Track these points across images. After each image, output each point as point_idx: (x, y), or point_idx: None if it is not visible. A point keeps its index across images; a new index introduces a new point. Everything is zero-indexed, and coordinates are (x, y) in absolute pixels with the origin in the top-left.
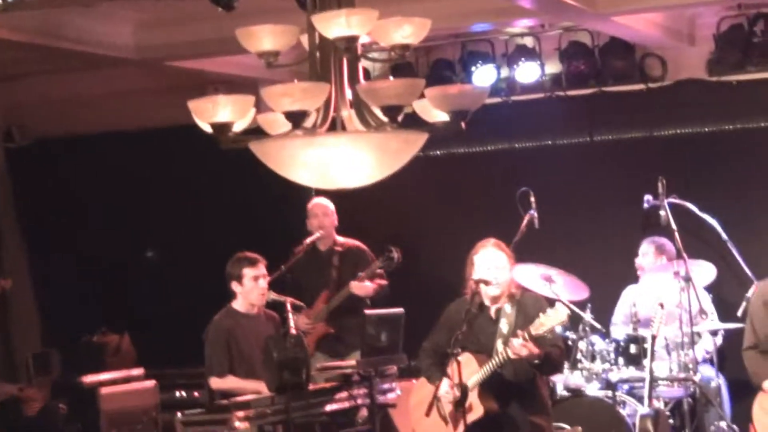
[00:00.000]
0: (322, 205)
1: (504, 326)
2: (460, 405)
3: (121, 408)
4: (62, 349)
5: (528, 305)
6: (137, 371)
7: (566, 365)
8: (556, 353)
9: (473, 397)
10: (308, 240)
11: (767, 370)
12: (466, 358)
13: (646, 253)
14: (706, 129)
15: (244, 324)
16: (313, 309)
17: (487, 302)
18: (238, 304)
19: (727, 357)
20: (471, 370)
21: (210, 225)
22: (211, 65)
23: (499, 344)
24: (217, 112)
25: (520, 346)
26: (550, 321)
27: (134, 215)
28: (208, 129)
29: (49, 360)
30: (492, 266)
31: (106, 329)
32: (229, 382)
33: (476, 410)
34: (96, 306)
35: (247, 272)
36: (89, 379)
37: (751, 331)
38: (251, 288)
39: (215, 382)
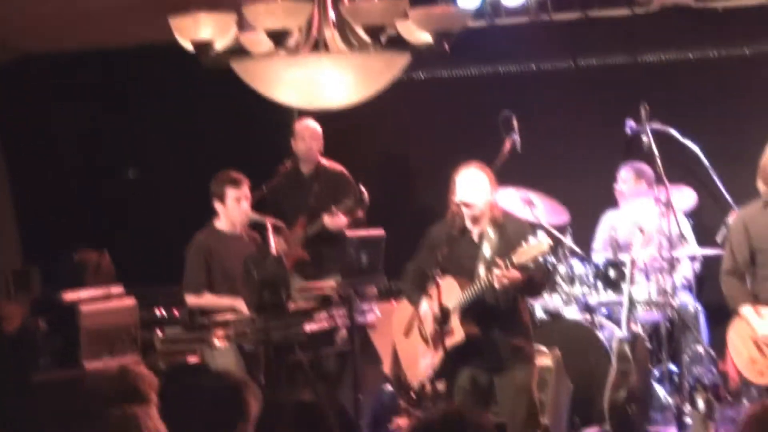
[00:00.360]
0: (310, 128)
1: (486, 250)
2: (440, 328)
3: (101, 325)
4: (42, 266)
5: (510, 230)
6: (117, 289)
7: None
8: (539, 276)
9: (454, 322)
10: (288, 163)
11: (744, 295)
12: (448, 282)
13: (626, 179)
14: (691, 55)
15: (226, 243)
16: (293, 233)
17: (469, 225)
18: (220, 223)
19: (706, 282)
20: (453, 293)
21: (192, 144)
22: None
23: (481, 269)
24: (199, 29)
25: (501, 276)
26: (532, 251)
27: (116, 134)
28: (190, 47)
29: (29, 277)
30: (472, 186)
31: (86, 247)
32: (206, 300)
33: (457, 334)
34: (76, 224)
35: (230, 192)
36: (69, 296)
37: (729, 255)
38: (233, 208)
39: (191, 299)
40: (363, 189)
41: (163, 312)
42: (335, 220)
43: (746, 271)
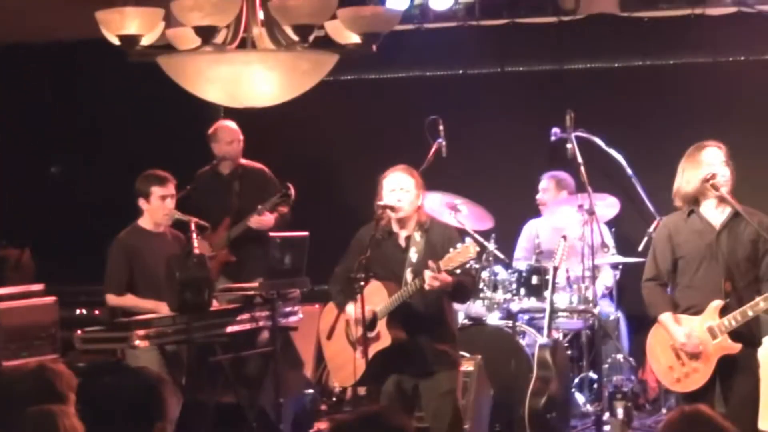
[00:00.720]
0: (229, 128)
1: (413, 255)
2: (367, 332)
3: (20, 323)
4: None
5: (437, 234)
6: (37, 287)
7: None
8: (468, 281)
9: (381, 326)
10: (210, 166)
11: (664, 303)
12: (375, 287)
13: (547, 189)
14: (616, 64)
15: (150, 242)
16: (216, 235)
17: (395, 228)
18: (144, 222)
19: (627, 291)
20: (380, 298)
21: (117, 141)
22: None
23: (408, 274)
24: (125, 24)
25: (432, 278)
26: (460, 258)
27: (39, 129)
28: (116, 41)
29: None
30: (397, 188)
31: (7, 243)
32: (127, 300)
33: (384, 339)
34: None
35: (155, 191)
36: None
37: (652, 263)
38: (158, 207)
39: (112, 299)
40: (290, 185)
41: (84, 312)
42: (261, 219)
43: (668, 280)
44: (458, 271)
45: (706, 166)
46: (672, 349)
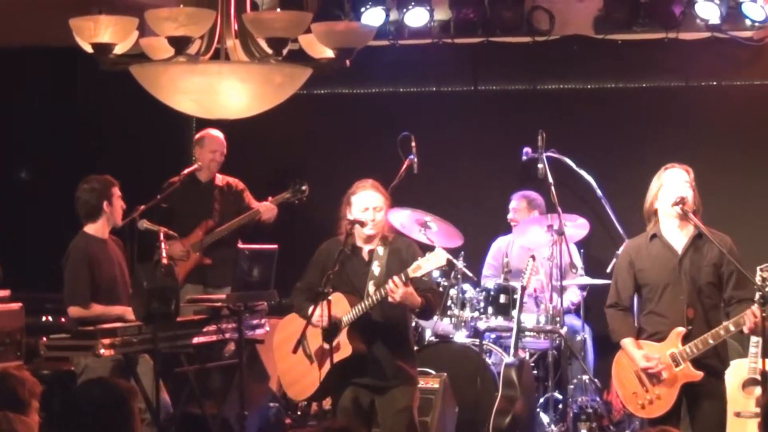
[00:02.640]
0: (216, 139)
1: (376, 269)
2: (327, 342)
3: None
4: None
5: (401, 249)
6: (3, 293)
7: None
8: (431, 297)
9: (342, 337)
10: (186, 170)
11: (626, 328)
12: (338, 298)
13: (518, 209)
14: (589, 86)
15: (101, 248)
16: (191, 237)
17: (360, 243)
18: (91, 229)
19: (594, 313)
20: (342, 309)
21: (89, 148)
22: None
23: (370, 286)
24: (99, 32)
25: (395, 288)
26: (429, 264)
27: (9, 135)
28: (89, 49)
29: None
30: (370, 207)
31: None
32: (94, 310)
33: (344, 350)
34: None
35: (115, 191)
36: None
37: (614, 289)
38: (117, 207)
39: (77, 311)
40: (303, 180)
41: (50, 319)
42: (269, 208)
43: (629, 305)
44: (425, 279)
45: (668, 186)
46: (636, 375)
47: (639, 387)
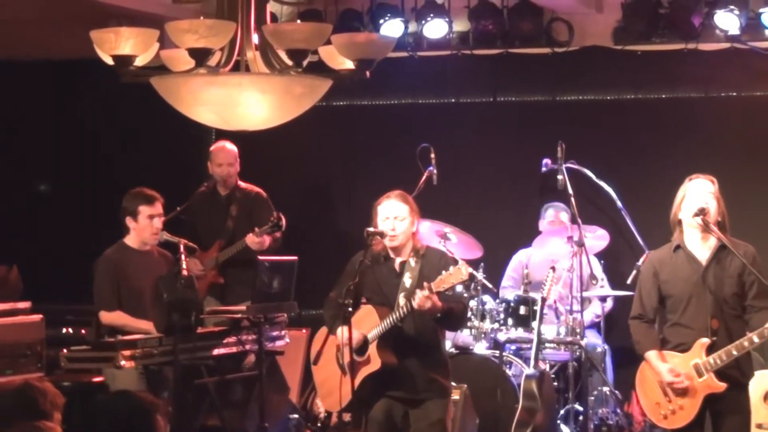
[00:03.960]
0: (227, 150)
1: (407, 280)
2: (358, 357)
3: (5, 340)
4: None
5: (432, 261)
6: (24, 304)
7: None
8: (458, 308)
9: (372, 350)
10: (207, 183)
11: (651, 340)
12: (367, 311)
13: (555, 221)
14: (608, 97)
15: (136, 260)
16: (207, 255)
17: (391, 254)
18: (130, 240)
19: (615, 324)
20: (372, 322)
21: (108, 160)
22: None
23: (401, 299)
24: (120, 44)
25: (424, 299)
26: (452, 279)
27: (29, 147)
28: (110, 61)
29: None
30: (391, 216)
31: None
32: (120, 318)
33: (374, 363)
34: None
35: (143, 209)
36: None
37: (638, 300)
38: (145, 226)
39: (105, 316)
40: (281, 215)
41: (70, 331)
42: (258, 241)
43: (654, 316)
44: (449, 293)
45: (691, 197)
46: (659, 386)
47: (662, 397)
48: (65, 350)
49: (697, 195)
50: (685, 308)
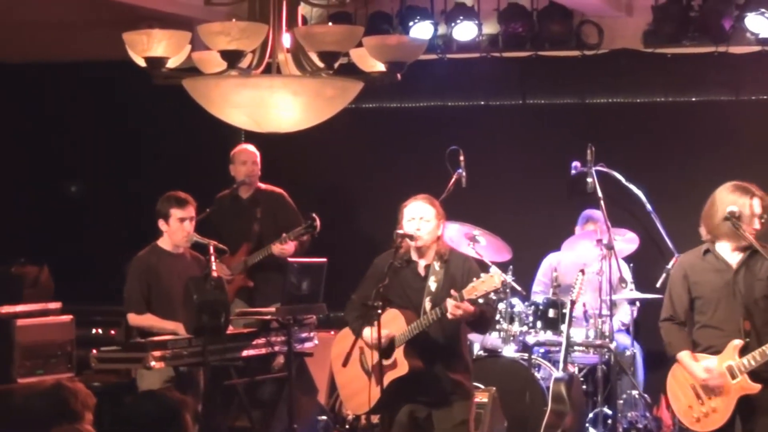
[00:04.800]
0: (249, 152)
1: (432, 284)
2: (384, 360)
3: (36, 341)
4: None
5: (456, 265)
6: (54, 305)
7: None
8: (489, 312)
9: (398, 354)
10: (234, 186)
11: (682, 342)
12: (393, 315)
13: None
14: (638, 99)
15: (168, 262)
16: (234, 259)
17: (414, 257)
18: (163, 243)
19: (644, 327)
20: (397, 326)
21: (139, 162)
22: (146, 0)
23: (426, 303)
24: (152, 45)
25: (455, 308)
26: (484, 287)
27: (61, 148)
28: (142, 63)
29: None
30: (416, 218)
31: (26, 260)
32: (148, 320)
33: (401, 367)
34: (16, 237)
35: (174, 212)
36: (5, 310)
37: (669, 302)
38: (176, 229)
39: (133, 318)
40: (315, 216)
41: (100, 331)
42: (284, 248)
43: (685, 319)
44: (480, 300)
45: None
46: (692, 389)
47: (694, 400)
48: (95, 351)
49: (748, 212)
50: (715, 310)
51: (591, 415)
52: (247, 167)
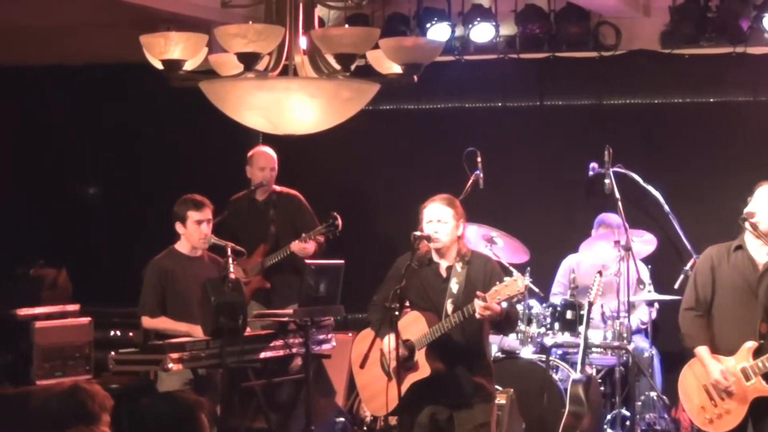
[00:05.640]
0: (268, 155)
1: (454, 286)
2: (405, 362)
3: (55, 343)
4: None
5: (478, 266)
6: (73, 307)
7: None
8: (514, 313)
9: (420, 357)
10: (251, 188)
11: (702, 335)
12: (415, 317)
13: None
14: (656, 100)
15: (185, 265)
16: (250, 261)
17: (436, 258)
18: (180, 246)
19: (662, 329)
20: (419, 328)
21: (156, 165)
22: (163, 3)
23: (448, 304)
24: (169, 48)
25: (483, 308)
26: (507, 291)
27: (78, 151)
28: (159, 65)
29: None
30: (434, 219)
31: (44, 263)
32: (161, 323)
33: (423, 370)
34: (34, 239)
35: (191, 215)
36: (23, 312)
37: (692, 292)
38: (193, 231)
39: (147, 321)
40: (337, 215)
41: (118, 333)
42: (305, 246)
43: (705, 312)
44: (504, 304)
45: (752, 203)
46: (704, 389)
47: (707, 401)
48: (113, 353)
49: (756, 202)
50: (733, 308)
51: (609, 416)
52: (265, 173)
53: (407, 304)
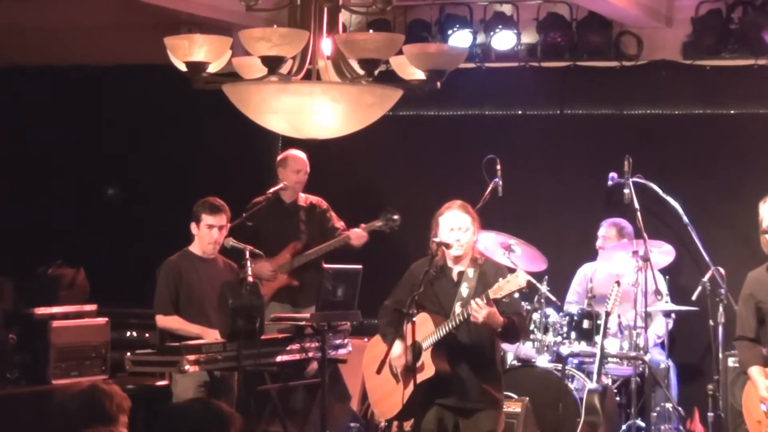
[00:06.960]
0: (304, 162)
1: (464, 290)
2: (412, 365)
3: (72, 342)
4: (16, 279)
5: (489, 272)
6: (90, 307)
7: None
8: (517, 320)
9: (426, 357)
10: (271, 190)
11: (752, 357)
12: (422, 318)
13: (608, 236)
14: (677, 111)
15: (198, 266)
16: (279, 258)
17: (449, 263)
18: (194, 247)
19: (678, 340)
20: (426, 330)
21: (177, 166)
22: (186, 5)
23: (457, 308)
24: (193, 50)
25: (478, 308)
26: (509, 286)
27: (100, 151)
28: (183, 67)
29: (2, 289)
30: (455, 227)
31: (62, 262)
32: (174, 322)
33: (428, 370)
34: (53, 238)
35: (205, 218)
36: (41, 311)
37: (738, 321)
38: (204, 234)
39: (160, 320)
40: (393, 208)
41: (135, 334)
42: (364, 235)
43: (756, 336)
44: (506, 300)
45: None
46: (762, 403)
47: (763, 416)
48: (130, 353)
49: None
50: None
51: (624, 427)
52: (299, 176)
53: (420, 309)
